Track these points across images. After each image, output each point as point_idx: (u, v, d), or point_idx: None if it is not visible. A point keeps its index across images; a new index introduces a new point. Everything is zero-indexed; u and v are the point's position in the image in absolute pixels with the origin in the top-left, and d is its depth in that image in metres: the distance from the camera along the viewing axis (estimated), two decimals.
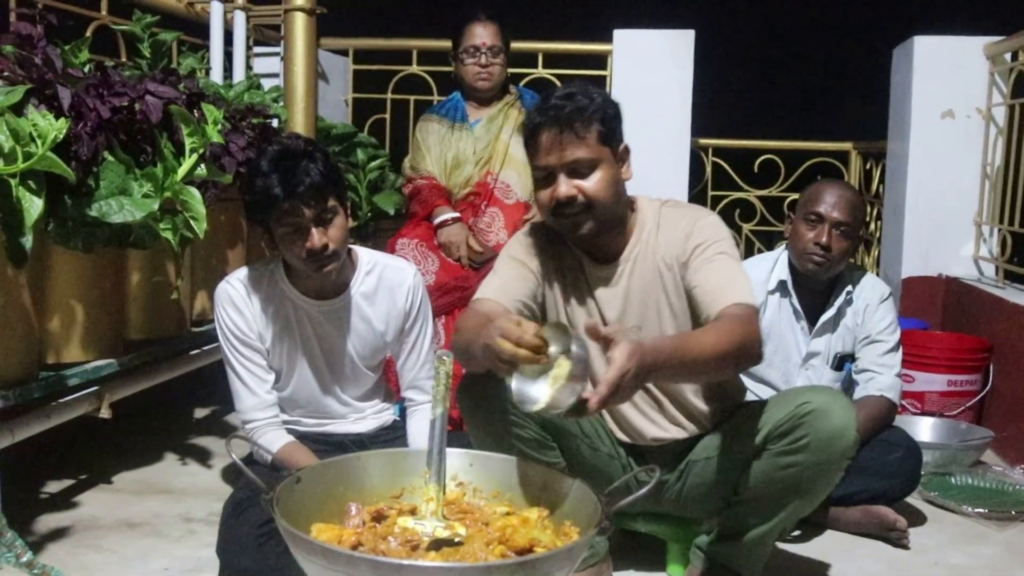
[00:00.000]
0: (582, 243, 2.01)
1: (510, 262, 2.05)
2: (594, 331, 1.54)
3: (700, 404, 2.06)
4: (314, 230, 2.09)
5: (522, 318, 1.56)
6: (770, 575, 2.15)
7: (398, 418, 2.47)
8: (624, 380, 1.49)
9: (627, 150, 1.98)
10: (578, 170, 1.89)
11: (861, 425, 2.49)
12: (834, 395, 1.90)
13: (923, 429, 3.13)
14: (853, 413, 1.87)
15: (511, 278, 2.01)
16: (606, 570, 2.12)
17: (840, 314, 2.63)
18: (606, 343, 1.53)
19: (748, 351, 1.77)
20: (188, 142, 2.31)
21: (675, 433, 2.07)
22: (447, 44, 3.53)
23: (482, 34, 3.37)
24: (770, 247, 4.81)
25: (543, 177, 1.93)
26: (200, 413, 3.48)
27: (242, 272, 2.28)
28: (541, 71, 4.44)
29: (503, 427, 1.92)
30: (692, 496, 2.10)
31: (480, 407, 1.93)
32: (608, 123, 1.91)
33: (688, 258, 1.96)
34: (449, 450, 1.64)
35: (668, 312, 2.00)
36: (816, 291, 2.65)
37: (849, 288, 2.63)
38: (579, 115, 1.87)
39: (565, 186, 1.89)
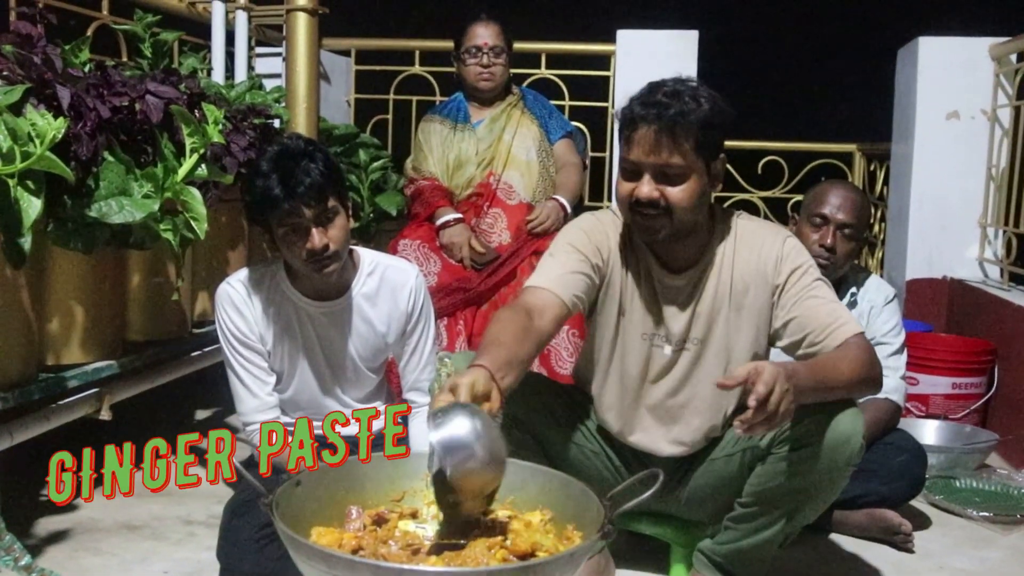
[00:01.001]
0: (653, 245, 1.95)
1: (571, 252, 1.95)
2: (726, 383, 1.63)
3: (720, 424, 2.04)
4: (314, 230, 2.07)
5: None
6: None
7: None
8: (772, 399, 1.56)
9: (723, 163, 1.91)
10: (666, 175, 1.82)
11: (865, 428, 2.50)
12: (843, 400, 1.86)
13: (928, 432, 3.11)
14: (861, 419, 1.85)
15: (570, 270, 1.92)
16: (606, 566, 2.10)
17: None
18: (745, 381, 1.58)
19: (876, 380, 1.88)
20: (189, 142, 2.30)
21: (691, 448, 2.06)
22: (449, 44, 3.52)
23: (484, 34, 3.36)
24: None
25: (629, 170, 1.86)
26: (201, 415, 3.46)
27: (243, 273, 2.26)
28: (544, 72, 4.42)
29: None
30: (696, 498, 2.08)
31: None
32: (709, 134, 1.83)
33: (784, 282, 1.92)
34: None
35: (735, 327, 1.96)
36: None
37: (853, 290, 2.62)
38: (681, 119, 1.80)
39: (648, 187, 1.83)
